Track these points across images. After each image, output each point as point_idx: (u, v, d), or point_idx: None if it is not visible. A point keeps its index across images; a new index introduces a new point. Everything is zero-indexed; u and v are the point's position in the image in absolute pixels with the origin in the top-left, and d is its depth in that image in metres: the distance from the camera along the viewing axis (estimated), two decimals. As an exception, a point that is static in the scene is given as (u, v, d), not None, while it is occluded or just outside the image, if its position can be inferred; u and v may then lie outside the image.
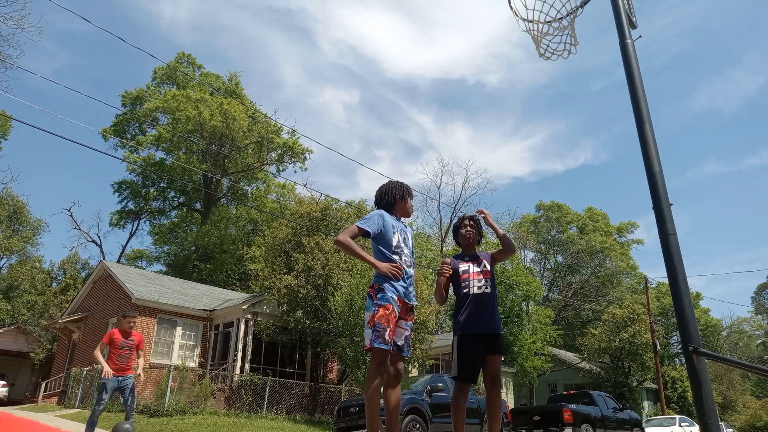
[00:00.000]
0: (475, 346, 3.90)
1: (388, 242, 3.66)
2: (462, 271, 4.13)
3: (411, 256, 3.80)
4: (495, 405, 3.92)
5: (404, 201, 3.91)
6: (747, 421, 34.32)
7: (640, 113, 3.94)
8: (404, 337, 3.62)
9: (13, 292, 30.83)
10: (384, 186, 3.99)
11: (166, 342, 18.30)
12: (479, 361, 3.93)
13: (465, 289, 4.05)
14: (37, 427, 10.22)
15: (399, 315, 3.57)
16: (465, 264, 4.17)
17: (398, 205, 3.89)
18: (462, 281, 4.09)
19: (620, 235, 50.74)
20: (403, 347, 3.60)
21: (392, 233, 3.69)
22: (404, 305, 3.62)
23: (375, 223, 3.66)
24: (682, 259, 3.52)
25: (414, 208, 3.99)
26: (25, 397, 25.02)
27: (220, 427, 11.91)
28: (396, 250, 3.66)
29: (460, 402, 3.95)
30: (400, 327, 3.60)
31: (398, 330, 3.58)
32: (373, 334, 3.44)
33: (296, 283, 17.24)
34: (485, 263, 4.19)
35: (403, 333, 3.61)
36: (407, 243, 3.79)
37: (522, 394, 31.58)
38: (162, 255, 40.40)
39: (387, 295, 3.52)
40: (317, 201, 20.30)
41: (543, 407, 15.42)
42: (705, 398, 3.14)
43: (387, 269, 3.52)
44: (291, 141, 37.12)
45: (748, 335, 55.42)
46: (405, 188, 3.95)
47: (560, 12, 4.63)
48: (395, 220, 3.81)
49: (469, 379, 3.93)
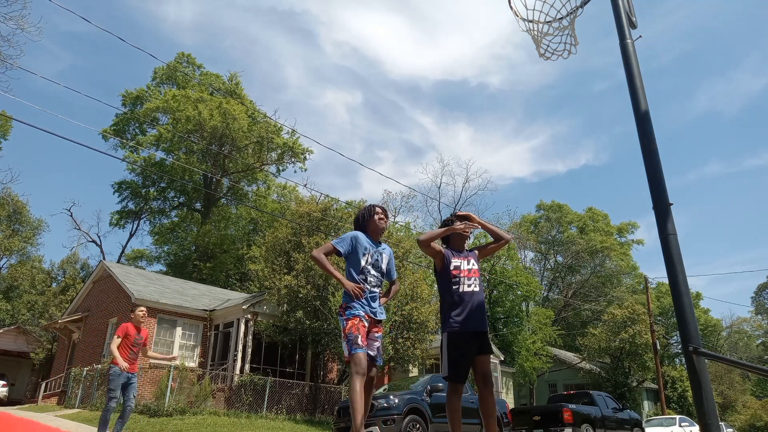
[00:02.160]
0: (466, 345, 3.88)
1: (356, 264, 4.04)
2: (454, 266, 4.09)
3: (380, 277, 4.14)
4: (490, 403, 3.93)
5: (371, 218, 4.24)
6: (747, 421, 34.32)
7: (640, 113, 3.94)
8: (375, 348, 3.97)
9: (13, 292, 30.82)
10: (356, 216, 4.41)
11: (166, 342, 18.30)
12: (470, 360, 3.91)
13: (455, 285, 4.04)
14: (37, 427, 10.22)
15: (368, 328, 3.92)
16: (457, 260, 4.14)
17: (369, 224, 4.24)
18: (453, 277, 4.06)
19: (620, 235, 50.73)
20: (375, 357, 3.94)
21: (361, 255, 4.05)
22: (371, 319, 3.98)
23: (347, 244, 4.06)
24: (682, 259, 3.52)
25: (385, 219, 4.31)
26: (25, 397, 25.02)
27: (220, 427, 11.91)
28: (363, 271, 4.03)
29: (455, 403, 3.91)
30: (371, 339, 3.95)
31: (369, 342, 3.92)
32: (348, 344, 3.81)
33: (296, 283, 17.24)
34: (474, 261, 4.19)
35: (374, 344, 3.96)
36: (378, 264, 4.13)
37: (522, 394, 31.58)
38: (162, 255, 40.43)
39: (353, 311, 3.91)
40: (317, 201, 20.30)
41: (543, 407, 15.41)
42: (705, 398, 3.14)
43: (351, 288, 3.92)
44: (291, 141, 37.12)
45: (748, 335, 55.41)
46: (370, 207, 4.31)
47: (560, 12, 4.63)
48: (370, 243, 4.14)
49: (461, 378, 3.89)
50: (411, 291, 16.62)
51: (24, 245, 34.49)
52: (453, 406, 3.91)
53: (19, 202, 35.05)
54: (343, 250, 4.03)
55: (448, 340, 3.93)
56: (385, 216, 4.30)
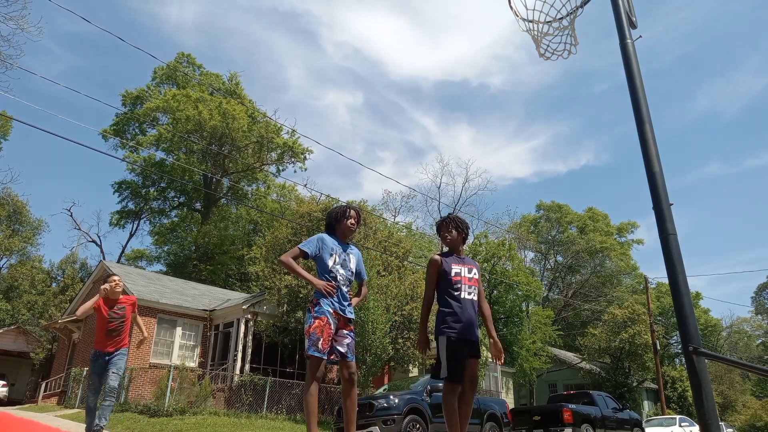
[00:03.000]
0: (464, 350, 4.01)
1: (323, 264, 4.13)
2: (455, 273, 4.17)
3: (348, 276, 4.21)
4: (470, 405, 4.09)
5: (343, 221, 4.32)
6: (747, 421, 34.31)
7: (640, 113, 3.94)
8: (346, 345, 4.02)
9: (13, 292, 30.81)
10: (329, 211, 4.51)
11: (166, 342, 18.30)
12: (465, 363, 4.04)
13: (457, 291, 4.11)
14: (37, 427, 10.22)
15: (338, 326, 4.01)
16: (458, 266, 4.21)
17: (338, 226, 4.32)
18: (454, 283, 4.14)
19: (620, 236, 50.72)
20: (346, 353, 4.00)
21: (328, 256, 4.14)
22: (340, 317, 4.04)
23: (314, 245, 4.15)
24: (682, 259, 3.52)
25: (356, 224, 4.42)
26: (25, 397, 25.02)
27: (220, 427, 11.90)
28: (331, 270, 4.11)
29: (453, 402, 3.98)
30: (340, 336, 4.02)
31: (339, 339, 4.01)
32: (308, 342, 3.90)
33: (296, 284, 17.23)
34: (475, 271, 4.28)
35: (343, 341, 4.02)
36: (346, 264, 4.21)
37: (522, 394, 31.57)
38: (162, 255, 40.42)
39: (322, 308, 3.97)
40: (317, 201, 20.30)
41: (543, 407, 15.42)
42: (705, 398, 3.14)
43: (323, 286, 3.99)
44: (291, 141, 37.12)
45: (748, 335, 55.41)
46: (342, 210, 4.38)
47: (560, 12, 4.62)
48: (336, 244, 4.23)
49: (460, 379, 3.99)
50: (411, 291, 16.62)
51: (24, 245, 34.48)
52: (452, 407, 3.96)
53: (19, 202, 35.05)
54: (310, 252, 4.12)
55: (447, 343, 4.02)
56: (357, 221, 4.40)
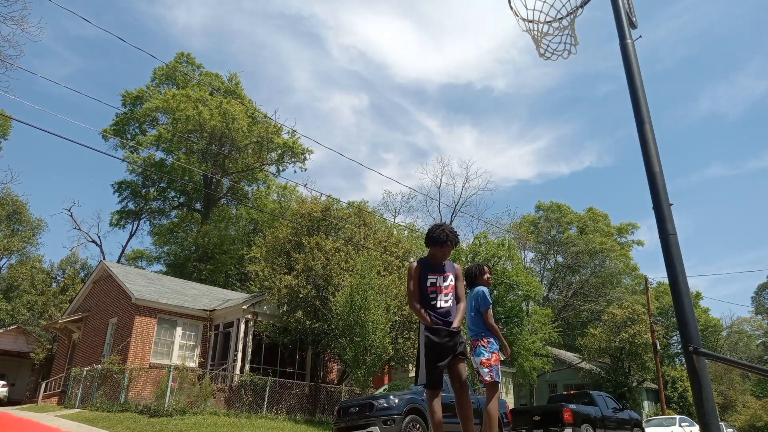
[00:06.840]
0: (442, 355, 4.08)
1: None
2: (430, 283, 4.26)
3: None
4: (466, 405, 4.17)
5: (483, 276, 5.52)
6: (747, 421, 34.27)
7: (640, 113, 3.94)
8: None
9: (13, 292, 30.79)
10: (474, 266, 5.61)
11: (166, 342, 18.29)
12: (445, 368, 4.14)
13: (433, 301, 4.21)
14: (37, 427, 10.22)
15: None
16: (434, 276, 4.28)
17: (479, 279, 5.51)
18: (430, 293, 4.23)
19: (620, 236, 50.66)
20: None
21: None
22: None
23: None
24: (682, 259, 3.52)
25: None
26: (25, 397, 25.00)
27: (220, 427, 11.91)
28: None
29: (433, 407, 4.11)
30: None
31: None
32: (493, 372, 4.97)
33: (296, 284, 17.23)
34: (451, 277, 4.33)
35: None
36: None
37: (522, 394, 31.57)
38: (162, 255, 40.41)
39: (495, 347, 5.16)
40: (318, 201, 20.28)
41: (543, 407, 15.41)
42: (705, 398, 3.14)
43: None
44: (291, 141, 37.09)
45: (748, 335, 55.38)
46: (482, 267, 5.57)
47: (560, 12, 4.63)
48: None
49: (437, 385, 4.11)
50: (411, 291, 16.54)
51: (24, 245, 34.48)
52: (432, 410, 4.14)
53: (18, 202, 35.04)
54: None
55: (425, 351, 4.13)
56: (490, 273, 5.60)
